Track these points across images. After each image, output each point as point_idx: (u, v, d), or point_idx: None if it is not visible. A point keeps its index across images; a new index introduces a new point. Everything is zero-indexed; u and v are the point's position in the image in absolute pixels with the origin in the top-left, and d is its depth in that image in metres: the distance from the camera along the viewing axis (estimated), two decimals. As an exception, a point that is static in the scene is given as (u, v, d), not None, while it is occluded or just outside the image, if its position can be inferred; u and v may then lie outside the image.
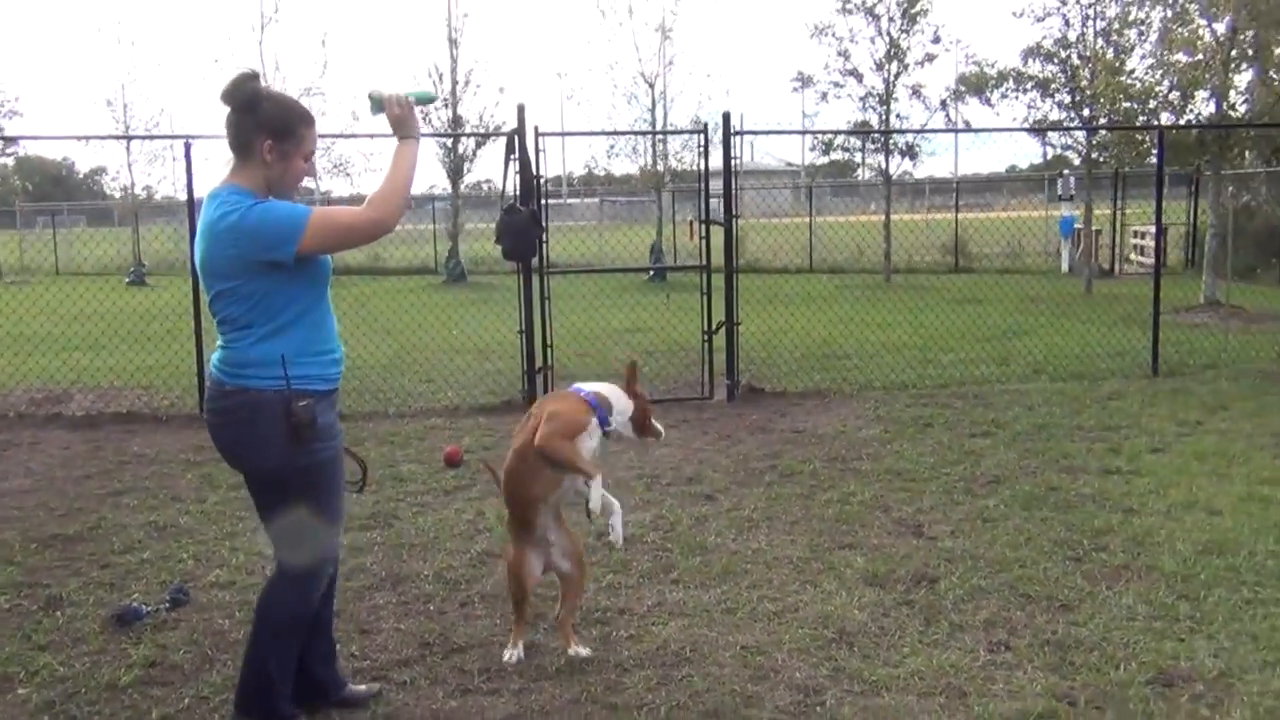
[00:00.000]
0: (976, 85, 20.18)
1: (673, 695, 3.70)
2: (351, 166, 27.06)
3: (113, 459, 7.36)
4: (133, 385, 10.07)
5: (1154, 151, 12.95)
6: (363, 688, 3.78)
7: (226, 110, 3.27)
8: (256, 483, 3.40)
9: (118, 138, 27.50)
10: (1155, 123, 16.04)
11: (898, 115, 23.13)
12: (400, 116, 3.36)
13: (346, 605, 4.57)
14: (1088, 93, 17.92)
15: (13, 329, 12.12)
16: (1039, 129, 19.18)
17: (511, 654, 4.01)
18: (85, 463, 7.26)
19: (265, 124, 3.24)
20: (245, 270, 3.18)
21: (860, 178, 33.38)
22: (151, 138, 29.26)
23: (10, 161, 53.31)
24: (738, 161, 9.56)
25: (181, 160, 8.85)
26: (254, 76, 3.31)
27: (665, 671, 3.89)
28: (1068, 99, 18.78)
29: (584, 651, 4.03)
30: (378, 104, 3.38)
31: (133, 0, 47.45)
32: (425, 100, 3.53)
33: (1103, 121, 17.54)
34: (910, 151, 23.49)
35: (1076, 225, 21.05)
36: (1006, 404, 8.59)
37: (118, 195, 32.56)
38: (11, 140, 43.31)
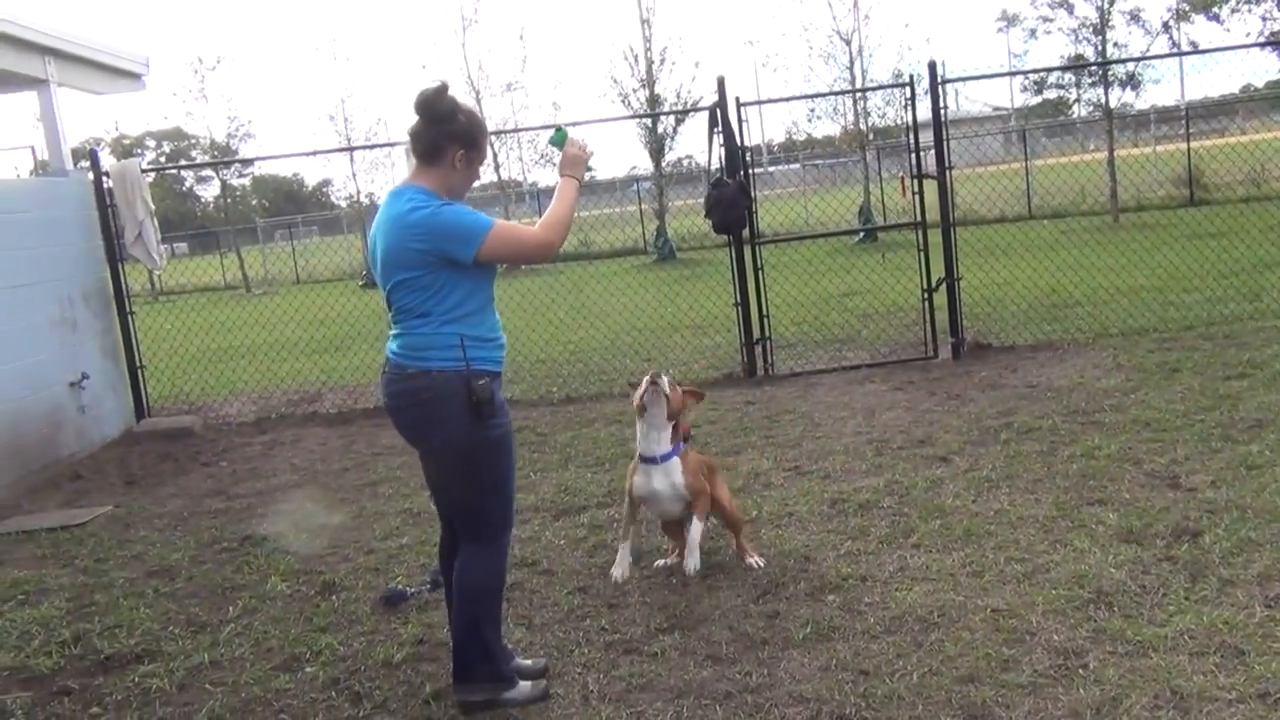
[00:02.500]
0: (1204, 2, 18.76)
1: (924, 661, 3.65)
2: (556, 157, 27.66)
3: (365, 451, 7.85)
4: (376, 382, 10.65)
5: None
6: (529, 662, 3.91)
7: (416, 118, 3.52)
8: (441, 460, 3.60)
9: (340, 150, 29.13)
10: None
11: (1115, 44, 21.79)
12: (577, 157, 3.78)
13: (593, 581, 4.73)
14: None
15: (267, 336, 13.06)
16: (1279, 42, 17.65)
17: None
18: (342, 456, 7.78)
19: (460, 134, 3.53)
20: (427, 263, 3.43)
21: (1075, 115, 31.59)
22: (371, 147, 30.85)
23: (248, 182, 57.65)
24: (945, 111, 9.22)
25: (400, 165, 9.24)
26: (447, 88, 3.53)
27: (914, 637, 3.84)
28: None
29: (760, 562, 4.67)
30: (563, 138, 3.80)
31: (345, 17, 50.18)
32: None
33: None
34: (1132, 81, 22.10)
35: (1329, 142, 19.25)
36: (1262, 342, 7.98)
37: (344, 204, 34.59)
38: (248, 162, 46.89)
